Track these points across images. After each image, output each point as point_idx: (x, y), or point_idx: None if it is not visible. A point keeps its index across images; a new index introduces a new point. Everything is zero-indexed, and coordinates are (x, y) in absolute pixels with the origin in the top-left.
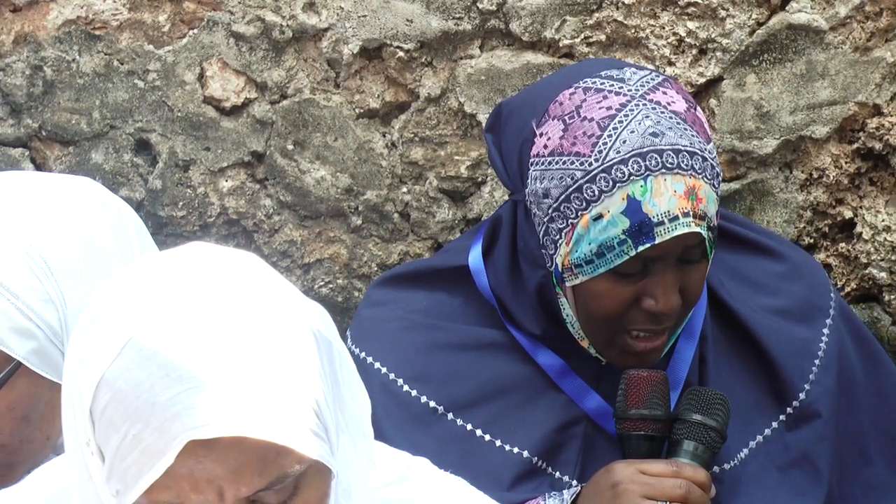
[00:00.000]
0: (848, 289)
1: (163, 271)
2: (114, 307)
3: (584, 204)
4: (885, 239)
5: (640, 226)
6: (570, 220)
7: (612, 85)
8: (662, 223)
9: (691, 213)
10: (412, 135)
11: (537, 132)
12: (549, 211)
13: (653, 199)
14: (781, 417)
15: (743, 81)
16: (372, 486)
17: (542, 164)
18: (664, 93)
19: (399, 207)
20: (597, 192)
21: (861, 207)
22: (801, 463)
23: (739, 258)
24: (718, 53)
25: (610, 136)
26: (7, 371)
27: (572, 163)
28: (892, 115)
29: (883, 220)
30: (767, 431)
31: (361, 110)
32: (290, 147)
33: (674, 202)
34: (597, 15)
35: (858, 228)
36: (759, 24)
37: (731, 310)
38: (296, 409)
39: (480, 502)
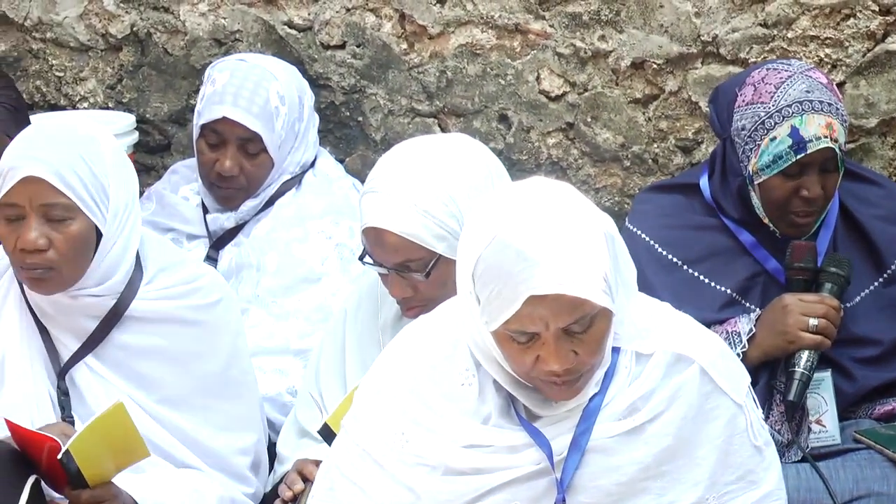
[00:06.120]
0: None
1: (516, 193)
2: (488, 213)
3: (765, 131)
4: None
5: (798, 143)
6: (756, 142)
7: (783, 66)
8: (811, 141)
9: (829, 137)
10: (661, 114)
11: (738, 93)
12: (745, 138)
13: (806, 126)
14: (880, 279)
15: (858, 84)
16: (635, 320)
17: (741, 111)
18: (813, 71)
19: (652, 156)
20: (773, 124)
21: None
22: (891, 305)
23: (857, 185)
24: (843, 67)
25: (781, 92)
26: (434, 262)
27: (758, 108)
28: None
29: None
30: (871, 287)
31: (631, 99)
32: (589, 120)
33: (818, 129)
34: (772, 44)
35: None
36: (868, 51)
37: (851, 214)
38: (593, 276)
39: (694, 326)
